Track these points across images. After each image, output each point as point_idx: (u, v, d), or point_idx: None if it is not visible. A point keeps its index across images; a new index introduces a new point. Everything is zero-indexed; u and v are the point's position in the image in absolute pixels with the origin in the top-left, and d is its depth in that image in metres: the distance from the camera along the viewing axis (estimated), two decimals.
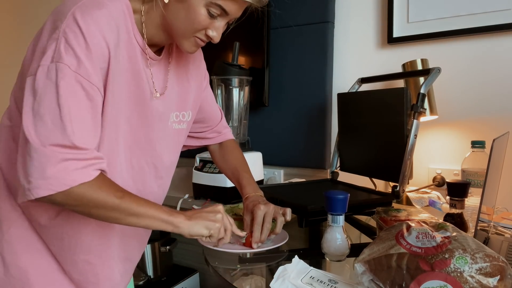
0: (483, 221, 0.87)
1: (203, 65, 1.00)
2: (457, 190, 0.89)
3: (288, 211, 0.94)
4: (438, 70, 1.06)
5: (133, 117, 0.80)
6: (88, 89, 0.67)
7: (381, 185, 1.40)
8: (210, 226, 0.77)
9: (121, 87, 0.75)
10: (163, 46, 0.86)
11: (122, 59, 0.74)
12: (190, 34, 0.77)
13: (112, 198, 0.68)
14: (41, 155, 0.63)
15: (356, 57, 1.55)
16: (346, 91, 1.35)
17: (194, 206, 1.40)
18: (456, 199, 0.89)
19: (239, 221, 0.97)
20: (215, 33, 0.78)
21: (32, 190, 0.64)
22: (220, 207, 0.81)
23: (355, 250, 0.79)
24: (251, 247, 0.88)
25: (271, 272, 0.77)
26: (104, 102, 0.72)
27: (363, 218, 1.15)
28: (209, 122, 1.06)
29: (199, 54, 0.99)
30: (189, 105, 0.93)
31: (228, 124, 1.50)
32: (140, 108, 0.81)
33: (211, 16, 0.75)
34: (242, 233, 0.86)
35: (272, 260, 0.89)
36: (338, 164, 1.36)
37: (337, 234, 0.82)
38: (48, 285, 0.80)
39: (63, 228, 0.78)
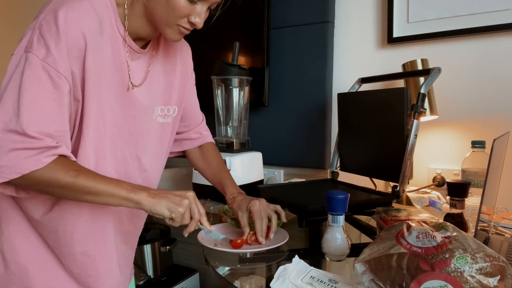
0: (483, 221, 0.87)
1: (190, 63, 1.01)
2: (457, 190, 0.89)
3: (279, 207, 0.96)
4: (438, 70, 1.06)
5: (117, 108, 0.81)
6: (55, 78, 0.68)
7: (381, 185, 1.40)
8: (172, 208, 0.76)
9: (104, 77, 0.76)
10: (150, 40, 0.87)
11: (105, 50, 0.75)
12: (172, 22, 0.77)
13: (65, 177, 0.69)
14: None
15: (356, 57, 1.55)
16: (346, 91, 1.35)
17: None
18: (456, 199, 0.89)
19: (237, 221, 0.97)
20: (198, 19, 0.78)
21: None
22: (190, 193, 0.79)
23: (355, 250, 0.79)
24: (253, 244, 0.89)
25: (271, 272, 0.77)
26: (85, 91, 0.73)
27: (363, 218, 1.15)
28: (190, 121, 1.06)
29: (187, 51, 0.99)
30: (174, 100, 0.94)
31: (228, 124, 1.51)
32: (122, 100, 0.81)
33: (191, 1, 0.75)
34: (211, 228, 0.84)
35: (272, 260, 0.89)
36: (338, 164, 1.36)
37: (337, 234, 0.82)
38: (48, 280, 0.81)
39: (58, 222, 0.79)
